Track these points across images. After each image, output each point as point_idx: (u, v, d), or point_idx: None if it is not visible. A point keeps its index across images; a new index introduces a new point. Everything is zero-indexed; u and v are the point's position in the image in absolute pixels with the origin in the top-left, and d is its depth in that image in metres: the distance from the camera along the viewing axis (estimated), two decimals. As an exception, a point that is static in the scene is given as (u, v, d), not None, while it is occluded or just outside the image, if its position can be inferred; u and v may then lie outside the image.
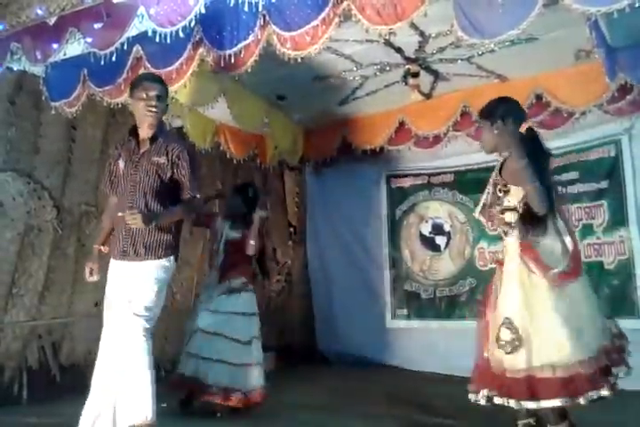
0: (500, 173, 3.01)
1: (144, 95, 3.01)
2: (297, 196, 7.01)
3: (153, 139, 3.06)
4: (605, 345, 2.85)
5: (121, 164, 3.12)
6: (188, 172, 3.05)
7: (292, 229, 7.08)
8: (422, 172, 6.14)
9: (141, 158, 3.04)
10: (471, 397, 2.91)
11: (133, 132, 3.14)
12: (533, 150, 2.92)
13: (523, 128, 3.03)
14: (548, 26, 3.51)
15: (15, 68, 4.07)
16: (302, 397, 4.61)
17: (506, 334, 2.80)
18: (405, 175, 6.26)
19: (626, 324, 4.62)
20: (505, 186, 2.95)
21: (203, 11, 3.24)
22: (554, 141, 5.20)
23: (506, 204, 2.94)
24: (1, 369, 4.40)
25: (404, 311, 6.08)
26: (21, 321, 4.54)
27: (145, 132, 3.08)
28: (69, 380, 4.79)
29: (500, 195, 2.97)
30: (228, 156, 5.40)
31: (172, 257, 3.07)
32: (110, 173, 3.23)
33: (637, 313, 4.73)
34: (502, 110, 3.05)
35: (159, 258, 3.01)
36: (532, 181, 2.80)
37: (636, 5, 2.62)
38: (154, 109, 3.01)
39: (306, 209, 6.92)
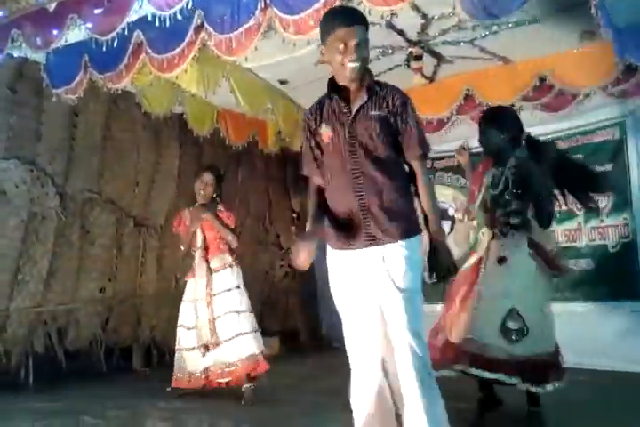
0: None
1: (340, 47, 2.29)
2: (299, 181, 7.00)
3: (368, 89, 2.37)
4: None
5: (325, 130, 2.40)
6: (415, 123, 2.38)
7: (294, 215, 7.08)
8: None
9: (357, 116, 2.36)
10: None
11: (333, 86, 2.42)
12: None
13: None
14: (552, 6, 3.48)
15: (16, 55, 4.07)
16: (305, 380, 4.63)
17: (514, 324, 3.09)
18: (409, 160, 6.23)
19: (630, 306, 4.69)
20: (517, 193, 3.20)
21: (202, -7, 3.23)
22: (558, 124, 5.21)
23: (515, 207, 3.20)
24: (8, 355, 4.45)
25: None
26: (27, 307, 4.57)
27: (352, 84, 2.38)
28: (75, 365, 4.85)
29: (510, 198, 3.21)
30: (227, 142, 5.41)
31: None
32: (311, 150, 2.48)
33: (641, 296, 4.72)
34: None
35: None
36: None
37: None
38: (355, 64, 2.30)
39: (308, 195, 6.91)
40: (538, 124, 5.30)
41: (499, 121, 3.30)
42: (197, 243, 4.24)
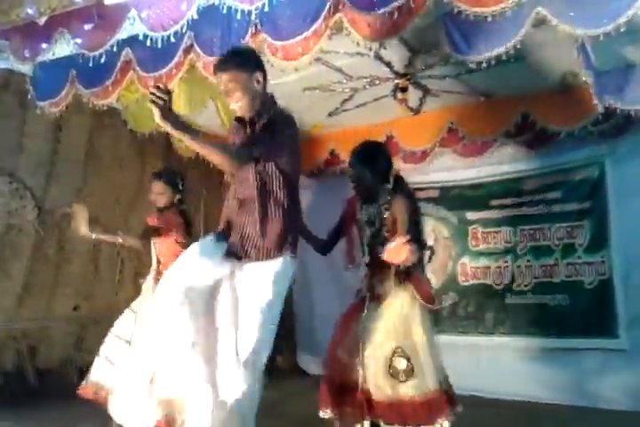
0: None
1: (221, 89, 2.64)
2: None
3: (252, 123, 2.65)
4: None
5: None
6: (270, 140, 2.56)
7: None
8: (408, 186, 6.14)
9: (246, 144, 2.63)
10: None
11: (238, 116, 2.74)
12: None
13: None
14: (536, 46, 3.56)
15: (2, 66, 4.07)
16: (281, 410, 4.55)
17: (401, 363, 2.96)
18: (391, 189, 6.26)
19: (605, 344, 4.71)
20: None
21: (195, 16, 3.27)
22: (538, 161, 5.29)
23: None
24: (-26, 371, 4.35)
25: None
26: (-2, 323, 4.49)
27: (245, 118, 2.69)
28: (45, 384, 4.74)
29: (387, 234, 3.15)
30: (212, 164, 5.41)
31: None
32: None
33: (616, 334, 4.73)
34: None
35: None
36: None
37: (622, 29, 2.67)
38: (233, 106, 2.64)
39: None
40: (518, 161, 5.41)
41: (370, 158, 3.25)
42: (153, 262, 3.85)
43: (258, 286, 2.53)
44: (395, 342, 3.00)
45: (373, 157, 3.26)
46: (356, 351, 3.06)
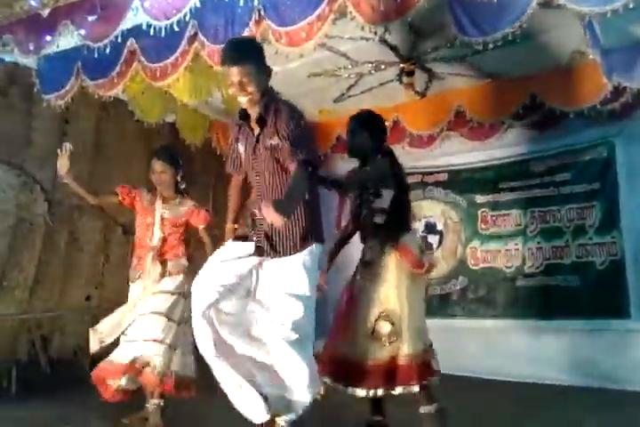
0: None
1: (229, 81, 2.66)
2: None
3: (260, 119, 2.73)
4: None
5: (240, 147, 2.87)
6: (297, 135, 2.64)
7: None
8: (416, 171, 6.09)
9: (257, 144, 2.76)
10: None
11: (244, 112, 2.80)
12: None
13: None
14: (543, 26, 3.52)
15: (7, 60, 4.07)
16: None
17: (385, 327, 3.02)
18: (399, 174, 6.25)
19: (617, 324, 4.71)
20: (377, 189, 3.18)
21: (198, 4, 3.26)
22: (547, 142, 5.25)
23: (376, 205, 3.17)
24: (-10, 362, 4.40)
25: (395, 309, 6.08)
26: (12, 314, 4.53)
27: (252, 112, 2.76)
28: (59, 374, 4.79)
29: (372, 197, 3.19)
30: (219, 152, 5.42)
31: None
32: (232, 153, 2.97)
33: (628, 314, 4.72)
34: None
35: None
36: None
37: (630, 6, 2.63)
38: (242, 99, 2.69)
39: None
40: (526, 143, 5.37)
41: (372, 126, 3.32)
42: (153, 241, 3.66)
43: (290, 280, 2.67)
44: (380, 308, 3.06)
45: (373, 125, 3.34)
46: (352, 321, 3.13)
